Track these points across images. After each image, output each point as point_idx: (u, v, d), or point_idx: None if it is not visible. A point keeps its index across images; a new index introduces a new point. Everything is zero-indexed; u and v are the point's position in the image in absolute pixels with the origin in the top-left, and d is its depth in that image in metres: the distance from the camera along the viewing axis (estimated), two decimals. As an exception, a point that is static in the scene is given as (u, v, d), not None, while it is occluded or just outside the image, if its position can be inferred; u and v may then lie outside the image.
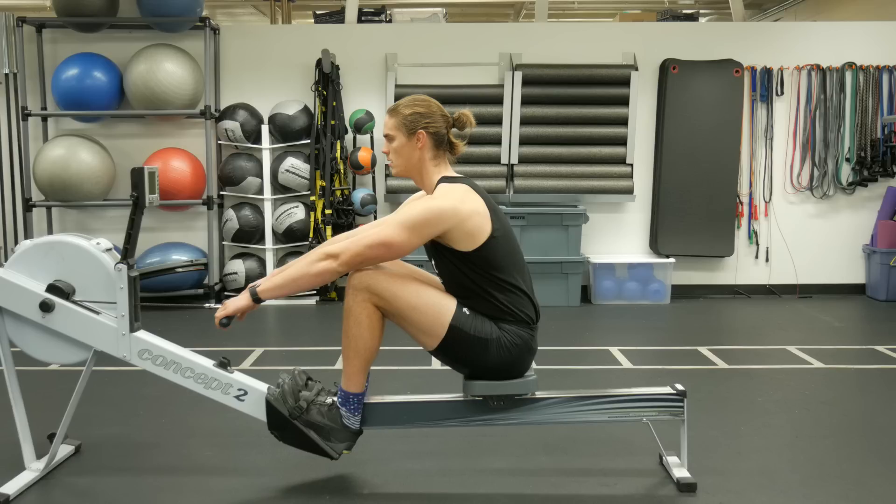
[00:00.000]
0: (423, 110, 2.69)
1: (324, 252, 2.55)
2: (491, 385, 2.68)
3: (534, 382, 2.71)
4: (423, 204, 2.57)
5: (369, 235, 2.55)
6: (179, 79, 6.07)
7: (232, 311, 2.64)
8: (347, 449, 2.69)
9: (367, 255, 2.54)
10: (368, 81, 6.50)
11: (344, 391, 2.67)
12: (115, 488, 2.78)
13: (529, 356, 2.69)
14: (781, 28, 7.36)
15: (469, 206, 2.57)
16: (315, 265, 2.54)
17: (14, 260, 2.76)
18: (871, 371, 4.31)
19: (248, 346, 4.83)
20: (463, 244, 2.56)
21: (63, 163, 5.97)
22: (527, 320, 2.64)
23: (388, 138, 2.72)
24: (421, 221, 2.53)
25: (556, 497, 2.69)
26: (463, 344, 2.60)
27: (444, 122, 2.70)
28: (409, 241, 2.53)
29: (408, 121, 2.68)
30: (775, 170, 6.66)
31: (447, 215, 2.53)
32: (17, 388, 2.83)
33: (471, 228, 2.55)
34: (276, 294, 2.62)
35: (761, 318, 5.88)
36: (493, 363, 2.63)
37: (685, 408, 2.75)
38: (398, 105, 2.74)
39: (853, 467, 2.94)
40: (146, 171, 2.78)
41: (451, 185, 2.63)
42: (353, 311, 2.59)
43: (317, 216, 6.28)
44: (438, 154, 2.70)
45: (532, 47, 6.48)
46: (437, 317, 2.58)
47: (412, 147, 2.68)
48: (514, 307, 2.62)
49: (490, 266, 2.58)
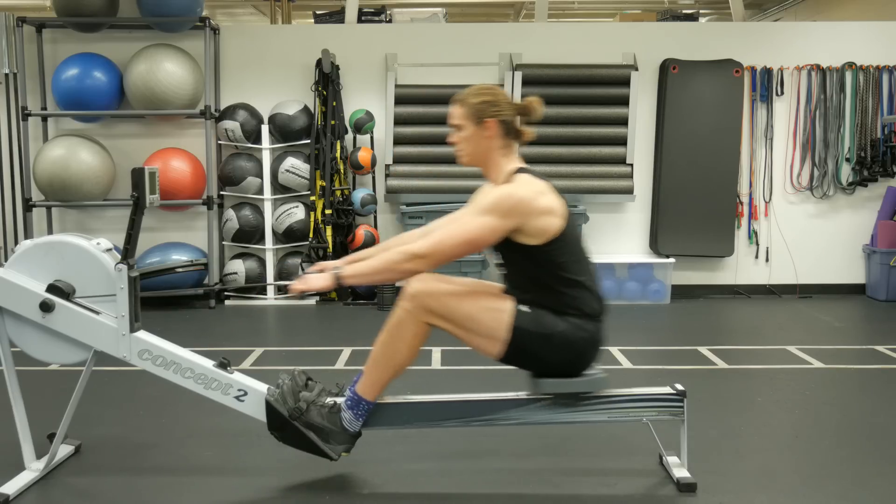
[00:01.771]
0: (491, 98, 2.67)
1: (410, 252, 2.52)
2: (559, 383, 2.67)
3: (604, 381, 2.69)
4: (501, 191, 2.55)
5: (453, 232, 2.54)
6: (179, 79, 6.07)
7: (313, 288, 2.57)
8: (346, 451, 2.69)
9: (454, 252, 2.53)
10: (368, 81, 6.50)
11: (357, 395, 2.66)
12: (115, 488, 2.78)
13: (594, 350, 2.67)
14: (781, 28, 7.36)
15: (546, 201, 2.56)
16: (403, 265, 2.52)
17: (14, 260, 2.76)
18: (871, 371, 4.31)
19: (248, 346, 4.83)
20: (534, 238, 2.55)
21: (63, 163, 5.97)
22: (591, 314, 2.62)
23: (457, 128, 2.70)
24: (501, 209, 2.51)
25: (556, 497, 2.69)
26: (527, 342, 2.58)
27: (512, 110, 2.69)
28: (493, 232, 2.52)
29: (476, 109, 2.65)
30: (775, 170, 6.66)
31: (525, 205, 2.52)
32: (17, 388, 2.83)
33: (543, 224, 2.54)
34: (358, 281, 2.61)
35: (761, 318, 5.88)
36: (559, 358, 2.61)
37: (685, 408, 2.75)
38: (465, 94, 2.70)
39: (853, 467, 2.94)
40: (146, 172, 2.78)
41: (532, 177, 2.62)
42: (404, 325, 2.59)
43: (317, 216, 6.28)
44: (507, 142, 2.68)
45: (532, 47, 6.48)
46: (498, 321, 2.57)
47: (480, 136, 2.66)
48: (580, 302, 2.60)
49: (557, 262, 2.58)
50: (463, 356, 4.29)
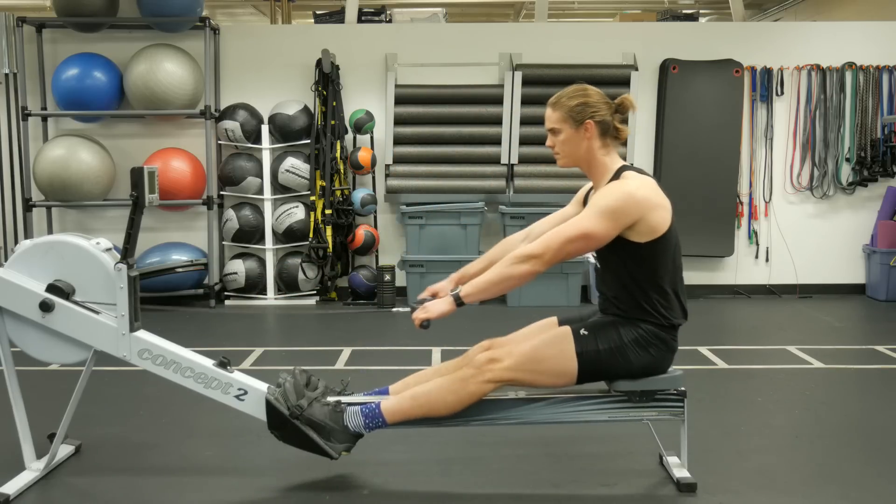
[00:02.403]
0: (587, 99, 2.65)
1: (523, 254, 2.51)
2: (638, 382, 2.66)
3: (679, 378, 2.69)
4: (619, 190, 2.53)
5: (568, 230, 2.52)
6: (179, 79, 6.07)
7: (436, 316, 2.56)
8: (347, 450, 2.68)
9: (569, 249, 2.52)
10: (368, 81, 6.50)
11: (380, 411, 2.64)
12: (115, 488, 2.78)
13: (670, 355, 2.67)
14: (781, 28, 7.36)
15: (658, 198, 2.56)
16: (518, 268, 2.50)
17: (14, 260, 2.76)
18: (871, 371, 4.31)
19: (248, 346, 4.83)
20: (643, 236, 2.54)
21: (63, 163, 5.97)
22: (672, 325, 2.62)
23: (554, 132, 2.68)
24: (620, 207, 2.50)
25: (556, 497, 2.69)
26: (599, 363, 2.59)
27: (609, 109, 2.67)
28: (609, 229, 2.51)
29: (574, 112, 2.63)
30: (775, 170, 6.66)
31: (642, 203, 2.51)
32: (17, 388, 2.83)
33: (655, 221, 2.53)
34: (478, 298, 2.57)
35: (761, 318, 5.88)
36: (633, 367, 2.61)
37: (685, 408, 2.74)
38: (560, 97, 2.68)
39: (853, 467, 2.94)
40: (146, 171, 2.78)
41: (640, 174, 2.60)
42: (467, 387, 2.58)
43: (317, 216, 6.27)
44: (606, 142, 2.66)
45: (532, 47, 6.48)
46: (562, 356, 2.58)
47: (580, 138, 2.64)
48: (664, 310, 2.60)
49: (658, 263, 2.58)
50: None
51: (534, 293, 6.12)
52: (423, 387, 2.66)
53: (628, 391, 2.68)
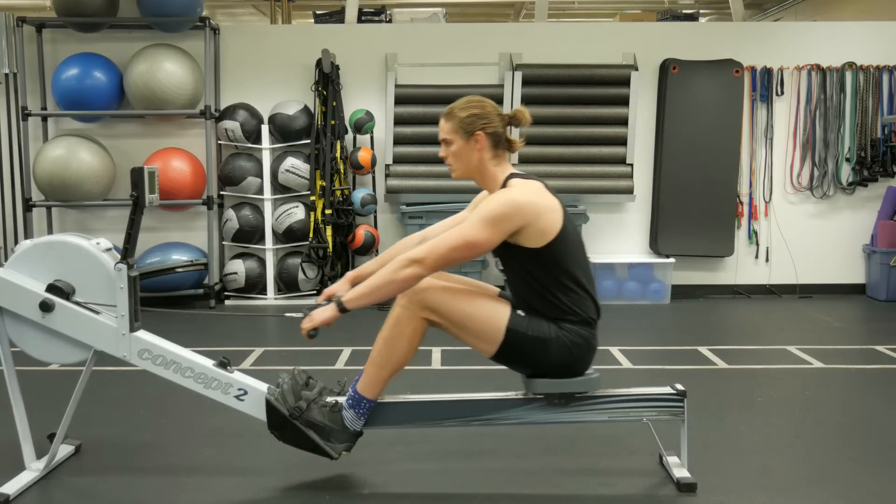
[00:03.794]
0: (479, 111, 2.67)
1: (407, 259, 2.52)
2: (553, 383, 2.67)
3: (597, 380, 2.70)
4: (501, 198, 2.56)
5: (452, 237, 2.53)
6: (179, 79, 6.07)
7: (319, 323, 2.60)
8: (347, 450, 2.69)
9: (452, 256, 2.53)
10: (368, 81, 6.50)
11: (359, 394, 2.66)
12: (115, 488, 2.78)
13: (590, 354, 2.68)
14: (781, 28, 7.36)
15: (545, 202, 2.58)
16: (400, 272, 2.51)
17: (14, 260, 2.76)
18: (871, 371, 4.31)
19: (248, 346, 4.83)
20: (534, 241, 2.55)
21: (63, 163, 5.97)
22: (587, 320, 2.64)
23: (446, 143, 2.69)
24: (501, 215, 2.52)
25: (556, 497, 2.69)
26: (521, 346, 2.60)
27: (501, 121, 2.69)
28: (492, 237, 2.53)
29: (465, 123, 2.65)
30: (775, 170, 6.66)
31: (527, 209, 2.53)
32: (17, 388, 2.83)
33: (544, 225, 2.55)
34: (361, 304, 2.58)
35: (761, 318, 5.88)
36: (553, 362, 2.62)
37: (685, 408, 2.75)
38: (453, 108, 2.70)
39: (853, 467, 2.94)
40: (146, 171, 2.78)
41: (525, 180, 2.63)
42: (402, 323, 2.59)
43: (317, 216, 6.28)
44: (498, 153, 2.68)
45: (532, 47, 6.48)
46: (493, 322, 2.58)
47: (471, 149, 2.66)
48: (576, 307, 2.61)
49: (557, 264, 2.58)
50: (463, 356, 4.29)
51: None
52: (374, 346, 2.66)
53: (547, 393, 2.68)
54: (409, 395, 2.85)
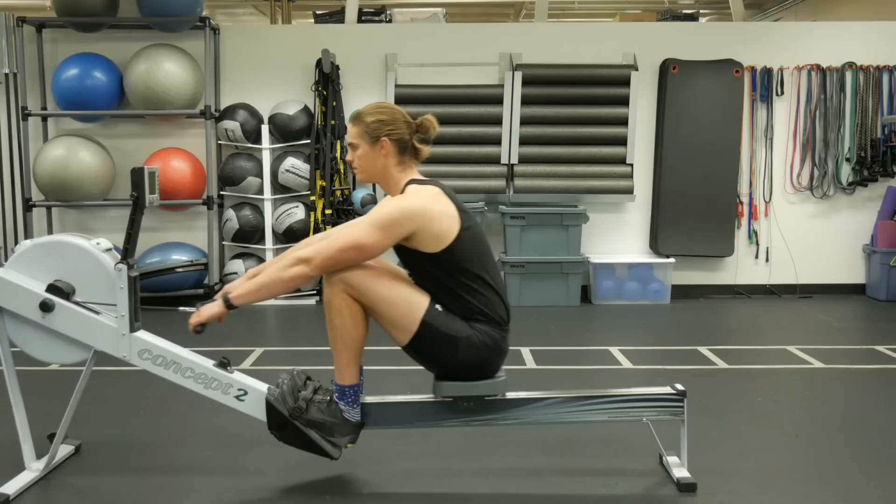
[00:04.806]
0: (386, 118, 2.68)
1: (296, 257, 2.55)
2: (460, 386, 2.68)
3: (504, 384, 2.71)
4: (392, 203, 2.58)
5: (340, 238, 2.56)
6: (179, 79, 6.07)
7: (206, 319, 2.62)
8: (352, 442, 2.69)
9: (339, 258, 2.54)
10: (368, 81, 6.50)
11: (339, 385, 2.68)
12: (115, 488, 2.78)
13: (499, 357, 2.69)
14: (781, 28, 7.36)
15: (438, 208, 2.58)
16: (287, 271, 2.54)
17: (14, 260, 2.76)
18: (871, 371, 4.31)
19: (248, 346, 4.83)
20: (430, 246, 2.57)
21: (63, 163, 5.97)
22: (498, 320, 2.65)
23: (352, 146, 2.72)
24: (391, 220, 2.54)
25: (556, 497, 2.69)
26: (433, 341, 2.60)
27: (408, 129, 2.69)
28: (380, 241, 2.54)
29: (370, 129, 2.67)
30: (775, 170, 6.66)
31: (417, 214, 2.54)
32: (17, 388, 2.83)
33: (438, 230, 2.56)
34: (248, 300, 2.61)
35: (761, 318, 5.88)
36: (461, 362, 2.62)
37: (685, 408, 2.75)
38: (361, 113, 2.72)
39: (853, 467, 2.94)
40: (146, 171, 2.78)
41: (421, 186, 2.64)
42: (333, 302, 2.60)
43: (317, 216, 6.28)
44: (403, 160, 2.69)
45: (532, 47, 6.48)
46: (410, 312, 2.59)
47: (376, 154, 2.67)
48: (485, 307, 2.62)
49: (458, 266, 2.59)
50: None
51: (534, 293, 6.13)
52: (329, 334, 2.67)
53: (454, 395, 2.68)
54: (408, 395, 2.85)
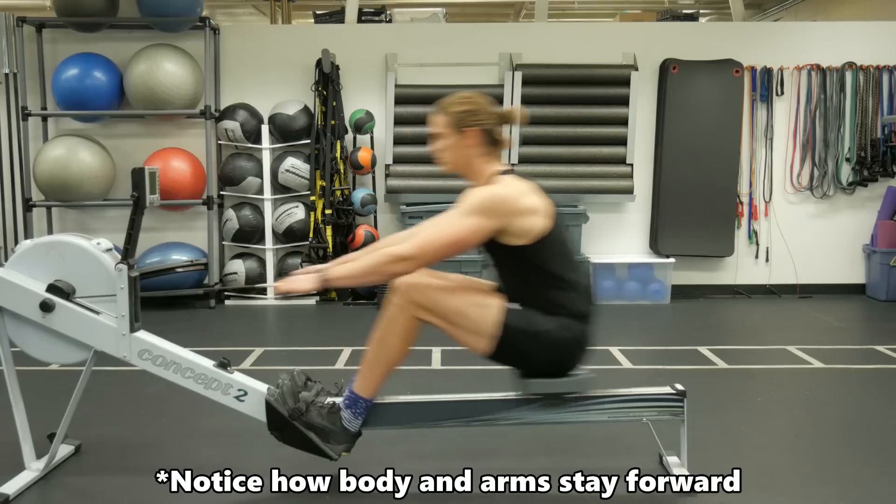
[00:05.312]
0: (472, 107, 2.66)
1: (396, 255, 2.51)
2: (546, 383, 2.67)
3: (588, 381, 2.70)
4: (484, 192, 2.55)
5: (437, 232, 2.53)
6: (179, 79, 6.07)
7: (298, 290, 2.57)
8: (346, 451, 2.69)
9: (443, 253, 2.53)
10: (368, 81, 6.50)
11: (355, 394, 2.67)
12: (115, 488, 2.78)
13: (581, 351, 2.67)
14: (781, 28, 7.36)
15: (529, 201, 2.57)
16: (388, 267, 2.51)
17: (14, 260, 2.76)
18: (871, 371, 4.31)
19: (248, 346, 4.83)
20: (519, 238, 2.55)
21: (63, 163, 5.98)
22: (579, 316, 2.62)
23: (438, 137, 2.69)
24: (484, 209, 2.51)
25: (556, 497, 2.69)
26: (515, 340, 2.58)
27: (493, 118, 2.68)
28: (476, 232, 2.52)
29: (456, 119, 2.65)
30: (775, 170, 6.66)
31: (509, 204, 2.52)
32: (17, 388, 2.83)
33: (528, 223, 2.54)
34: (345, 283, 2.60)
35: (761, 318, 5.88)
36: (546, 357, 2.61)
37: (685, 408, 2.75)
38: (446, 103, 2.69)
39: (853, 467, 2.94)
40: (147, 172, 2.78)
41: (512, 177, 2.63)
42: (396, 320, 2.59)
43: (317, 216, 6.28)
44: (488, 150, 2.68)
45: (532, 47, 6.48)
46: (486, 317, 2.57)
47: (461, 144, 2.66)
48: (569, 302, 2.60)
49: (544, 262, 2.57)
50: (462, 356, 4.29)
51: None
52: (368, 348, 2.67)
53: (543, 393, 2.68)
54: (409, 395, 2.85)
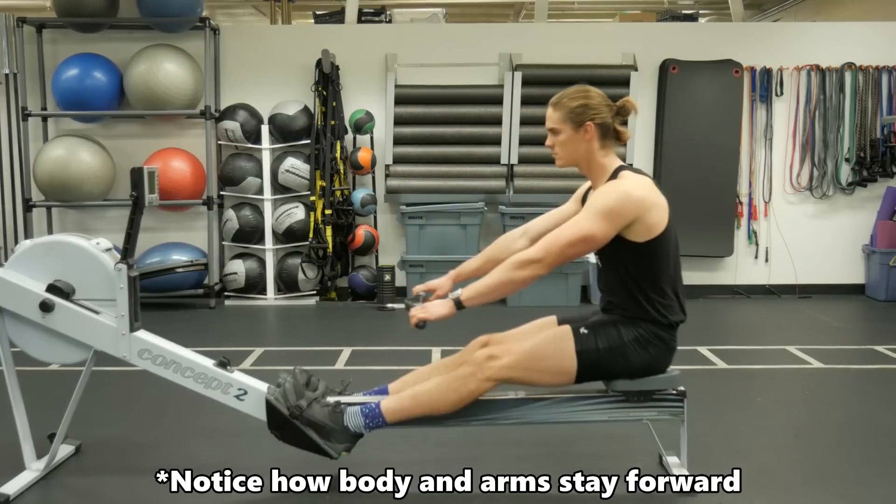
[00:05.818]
0: (588, 101, 2.65)
1: (525, 259, 2.50)
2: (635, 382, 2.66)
3: (678, 378, 2.69)
4: (617, 190, 2.54)
5: (567, 232, 2.52)
6: (179, 79, 6.07)
7: (435, 318, 2.57)
8: (347, 451, 2.69)
9: (569, 252, 2.52)
10: (368, 81, 6.50)
11: (380, 412, 2.65)
12: (115, 488, 2.78)
13: (669, 355, 2.67)
14: (781, 28, 7.36)
15: (655, 198, 2.56)
16: (519, 273, 2.50)
17: (14, 260, 2.76)
18: (871, 371, 4.31)
19: (248, 346, 4.83)
20: (640, 235, 2.54)
21: (63, 163, 5.97)
22: (671, 324, 2.62)
23: (554, 132, 2.68)
24: (617, 208, 2.50)
25: (556, 497, 2.69)
26: (598, 362, 2.59)
27: (609, 111, 2.68)
28: (608, 230, 2.51)
29: (574, 113, 2.64)
30: (775, 170, 6.66)
31: (640, 201, 2.51)
32: (17, 388, 2.83)
33: (652, 220, 2.54)
34: (479, 301, 2.57)
35: (761, 318, 5.88)
36: (634, 366, 2.61)
37: (685, 408, 2.75)
38: (561, 98, 2.68)
39: (853, 467, 2.95)
40: (146, 171, 2.78)
41: (637, 174, 2.61)
42: (466, 384, 2.58)
43: (317, 216, 6.28)
44: (606, 143, 2.67)
45: (532, 47, 6.48)
46: (561, 355, 2.57)
47: (580, 139, 2.65)
48: (664, 309, 2.60)
49: (655, 263, 2.58)
50: (463, 356, 4.29)
51: (534, 293, 6.11)
52: (423, 385, 2.66)
53: (626, 391, 2.68)
54: (409, 395, 2.84)
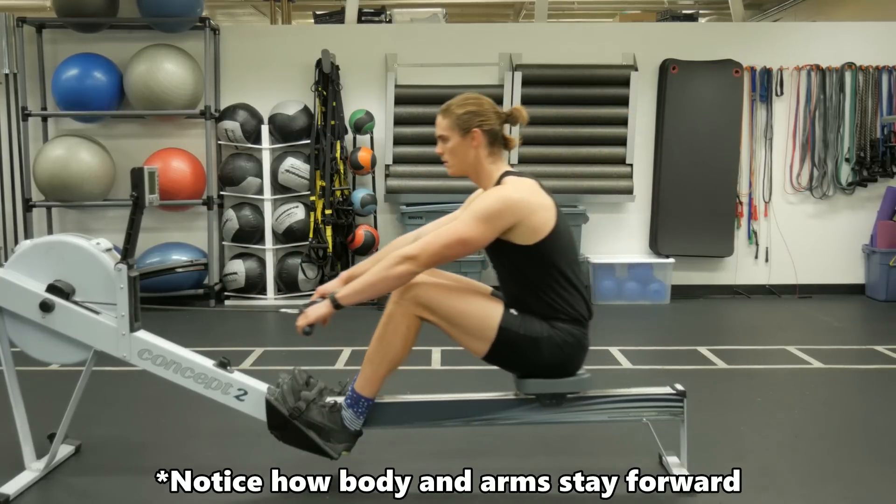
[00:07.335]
0: (476, 108, 2.67)
1: (401, 255, 2.52)
2: (544, 383, 2.67)
3: (588, 381, 2.70)
4: (494, 195, 2.56)
5: (445, 234, 2.54)
6: (179, 79, 6.07)
7: (314, 320, 2.62)
8: (347, 450, 2.69)
9: (445, 253, 2.53)
10: (368, 81, 6.50)
11: (357, 393, 2.67)
12: (115, 488, 2.78)
13: (581, 354, 2.68)
14: (781, 28, 7.36)
15: (538, 200, 2.58)
16: (394, 269, 2.51)
17: (14, 260, 2.76)
18: (871, 371, 4.31)
19: (248, 346, 4.83)
20: (526, 238, 2.55)
21: (63, 163, 5.98)
22: (579, 318, 2.64)
23: (443, 139, 2.70)
24: (495, 212, 2.52)
25: (556, 497, 2.69)
26: (514, 345, 2.60)
27: (498, 119, 2.69)
28: (485, 234, 2.53)
29: (461, 120, 2.66)
30: (775, 170, 6.66)
31: (519, 206, 2.53)
32: (17, 388, 2.83)
33: (536, 223, 2.55)
34: (355, 300, 2.59)
35: (761, 318, 5.88)
36: (545, 362, 2.62)
37: (685, 408, 2.75)
38: (450, 105, 2.71)
39: (853, 467, 2.95)
40: (146, 171, 2.78)
41: (519, 178, 2.63)
42: (396, 319, 2.60)
43: (317, 216, 6.28)
44: (494, 151, 2.69)
45: (532, 47, 6.48)
46: (486, 320, 2.58)
47: (467, 146, 2.67)
48: (569, 305, 2.61)
49: (548, 262, 2.58)
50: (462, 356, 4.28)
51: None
52: (370, 346, 2.67)
53: (538, 393, 2.68)
54: (409, 395, 2.85)
